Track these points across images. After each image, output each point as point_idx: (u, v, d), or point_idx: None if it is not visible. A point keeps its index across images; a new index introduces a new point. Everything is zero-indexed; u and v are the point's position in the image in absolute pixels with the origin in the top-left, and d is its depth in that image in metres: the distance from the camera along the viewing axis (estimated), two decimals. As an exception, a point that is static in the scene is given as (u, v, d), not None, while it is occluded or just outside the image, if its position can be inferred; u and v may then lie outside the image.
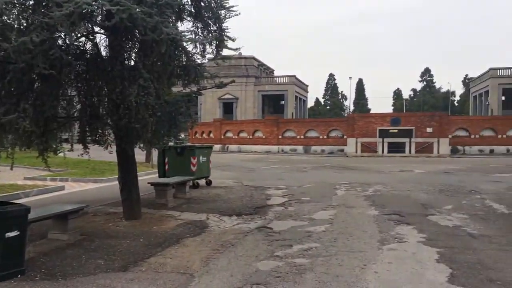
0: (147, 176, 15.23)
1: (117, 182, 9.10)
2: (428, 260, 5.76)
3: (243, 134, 38.66)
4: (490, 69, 57.06)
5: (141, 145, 8.85)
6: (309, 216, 8.89)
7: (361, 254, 6.08)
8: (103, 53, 8.18)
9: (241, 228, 8.00)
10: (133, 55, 8.23)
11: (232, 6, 8.28)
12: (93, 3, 6.09)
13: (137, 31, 7.17)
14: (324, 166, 22.53)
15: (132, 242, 6.76)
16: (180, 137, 9.35)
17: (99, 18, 7.05)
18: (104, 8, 6.17)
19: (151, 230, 7.65)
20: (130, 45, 8.10)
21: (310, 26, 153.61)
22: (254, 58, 61.54)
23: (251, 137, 37.74)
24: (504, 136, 31.99)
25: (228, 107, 62.41)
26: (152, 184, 10.37)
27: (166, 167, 13.38)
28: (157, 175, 14.34)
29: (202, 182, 13.86)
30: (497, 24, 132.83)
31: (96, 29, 7.88)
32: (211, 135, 40.00)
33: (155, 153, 17.50)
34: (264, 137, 36.83)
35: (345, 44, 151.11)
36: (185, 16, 8.80)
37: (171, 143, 10.84)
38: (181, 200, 10.74)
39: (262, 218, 8.81)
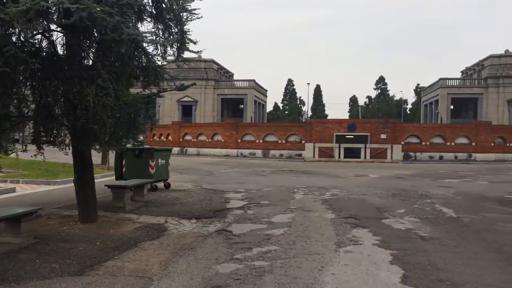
0: (103, 179, 14.85)
1: (71, 185, 8.87)
2: (382, 262, 5.97)
3: (202, 137, 38.45)
4: (440, 79, 59.69)
5: (97, 147, 8.66)
6: (268, 220, 8.98)
7: (318, 256, 6.22)
8: (60, 52, 7.98)
9: (200, 231, 7.98)
10: (91, 54, 8.07)
11: (195, 9, 8.27)
12: (51, 0, 5.92)
13: (96, 30, 7.05)
14: (283, 170, 22.79)
15: (88, 246, 6.60)
16: (139, 139, 9.20)
17: (56, 16, 6.86)
18: (63, 6, 6.01)
19: (108, 233, 7.49)
20: (88, 44, 7.94)
21: (269, 31, 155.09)
22: (214, 62, 61.37)
23: (210, 140, 37.60)
24: (453, 143, 33.49)
25: (187, 110, 61.85)
26: (109, 186, 10.14)
27: (124, 169, 13.13)
28: (113, 177, 14.05)
29: (161, 185, 13.69)
30: (448, 33, 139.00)
31: (53, 26, 7.67)
32: (170, 137, 39.52)
33: (111, 155, 17.16)
34: (223, 140, 36.78)
35: (303, 50, 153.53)
36: (145, 17, 8.72)
37: (129, 145, 10.67)
38: (139, 203, 10.57)
39: (222, 222, 8.82)
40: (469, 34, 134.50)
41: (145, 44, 8.41)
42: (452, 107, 59.18)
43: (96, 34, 7.45)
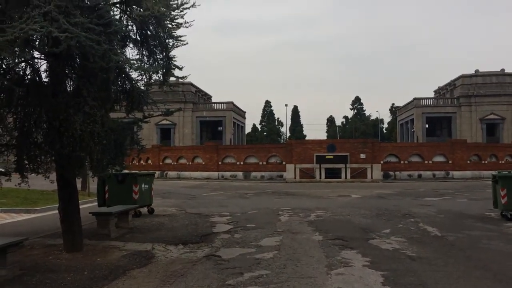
0: (85, 205, 14.56)
1: (52, 212, 8.72)
2: (375, 283, 6.02)
3: (182, 161, 38.22)
4: (414, 98, 61.21)
5: (78, 173, 8.56)
6: (256, 243, 8.96)
7: (311, 279, 6.22)
8: (45, 79, 7.93)
9: (188, 257, 7.90)
10: (77, 81, 8.05)
11: (180, 36, 8.36)
12: (40, 29, 5.92)
13: (84, 58, 7.04)
14: (265, 192, 22.79)
15: (76, 276, 6.46)
16: (125, 165, 9.12)
17: (44, 44, 6.84)
18: (51, 35, 6.00)
19: (95, 262, 7.34)
20: (73, 71, 7.93)
21: (245, 53, 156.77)
22: (191, 84, 61.54)
23: (190, 163, 37.39)
24: (430, 162, 34.15)
25: (165, 133, 61.55)
26: (94, 213, 9.97)
27: (107, 195, 12.94)
28: (95, 203, 13.82)
29: (144, 210, 13.52)
30: (421, 54, 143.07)
31: (38, 54, 7.63)
32: (149, 161, 39.13)
33: (91, 180, 16.87)
34: (203, 163, 36.64)
35: (280, 72, 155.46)
36: (129, 43, 8.77)
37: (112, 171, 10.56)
38: (124, 230, 10.41)
39: (209, 246, 8.76)
40: (441, 54, 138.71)
41: (128, 70, 8.45)
42: (427, 125, 60.64)
43: (79, 61, 7.45)
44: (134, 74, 8.78)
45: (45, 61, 7.79)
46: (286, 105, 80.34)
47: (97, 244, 8.76)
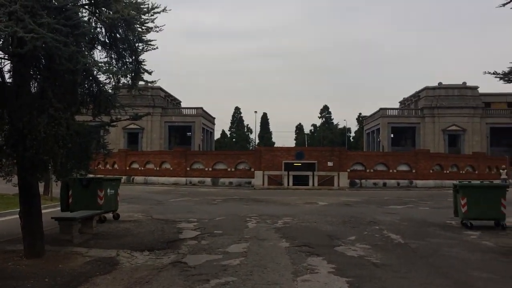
0: (47, 210, 14.09)
1: (12, 217, 8.44)
2: (340, 289, 6.11)
3: (149, 166, 37.70)
4: (381, 109, 62.73)
5: (41, 176, 8.33)
6: (223, 250, 8.93)
7: (277, 286, 6.26)
8: (8, 80, 7.70)
9: (154, 263, 7.80)
10: (41, 83, 7.85)
11: (151, 40, 8.30)
12: (5, 29, 5.75)
13: (50, 60, 6.88)
14: (233, 198, 22.75)
15: (37, 283, 6.26)
16: (90, 170, 8.93)
17: (7, 44, 6.65)
18: (16, 35, 5.84)
19: (56, 268, 7.14)
20: (38, 72, 7.73)
21: (216, 60, 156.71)
22: (161, 89, 60.94)
23: (158, 168, 36.92)
24: (395, 170, 34.97)
25: (133, 138, 60.63)
26: (56, 218, 9.69)
27: (70, 200, 12.61)
28: (58, 208, 13.44)
29: (110, 216, 13.25)
30: (388, 65, 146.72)
31: (1, 54, 7.41)
32: (116, 166, 38.39)
33: (55, 184, 16.38)
34: (171, 168, 36.25)
35: (251, 79, 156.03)
36: (97, 46, 8.64)
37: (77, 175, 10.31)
38: (88, 236, 10.16)
39: (176, 253, 8.67)
40: (407, 66, 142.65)
41: (95, 73, 8.31)
42: (392, 135, 62.18)
43: (45, 62, 7.28)
44: (102, 77, 8.65)
45: (9, 62, 7.57)
46: (255, 112, 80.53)
47: (59, 250, 8.52)
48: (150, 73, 8.62)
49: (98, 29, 8.02)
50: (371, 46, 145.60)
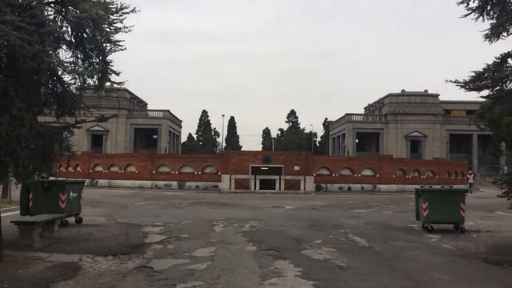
0: (5, 214, 13.52)
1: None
2: (306, 292, 6.17)
3: (114, 168, 36.92)
4: (346, 114, 63.95)
5: (0, 179, 8.06)
6: (189, 254, 8.86)
7: (244, 290, 6.26)
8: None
9: (118, 268, 7.65)
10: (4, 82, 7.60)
11: (119, 41, 8.17)
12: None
13: (10, 57, 6.67)
14: (200, 202, 22.58)
15: (-5, 290, 6.03)
16: (53, 172, 8.68)
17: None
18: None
19: (16, 274, 6.89)
20: (1, 71, 7.48)
21: (183, 63, 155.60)
22: (126, 91, 59.97)
23: (123, 171, 36.21)
24: (360, 175, 35.62)
25: (97, 140, 59.36)
26: (16, 222, 9.36)
27: (30, 203, 12.20)
28: (17, 212, 12.98)
29: (72, 220, 12.89)
30: (353, 71, 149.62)
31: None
32: (78, 168, 37.39)
33: (14, 187, 15.80)
34: (137, 171, 35.64)
35: (218, 83, 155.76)
36: (62, 45, 8.45)
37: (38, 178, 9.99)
38: (49, 240, 9.85)
39: (141, 257, 8.53)
40: (372, 72, 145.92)
41: (60, 73, 8.13)
42: (357, 140, 63.49)
43: (8, 61, 7.05)
44: (67, 77, 8.47)
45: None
46: (223, 115, 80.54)
47: (19, 255, 8.24)
48: (117, 74, 8.51)
49: (64, 28, 7.85)
50: (338, 53, 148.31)
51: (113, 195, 26.75)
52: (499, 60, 9.86)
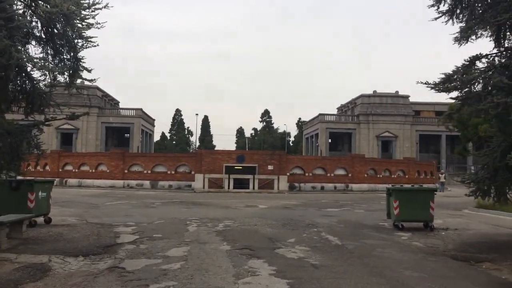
0: (-30, 214, 13.18)
1: None
2: (280, 291, 6.20)
3: (84, 168, 36.22)
4: (319, 114, 64.65)
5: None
6: (163, 254, 8.77)
7: (219, 289, 6.24)
8: None
9: (89, 269, 7.50)
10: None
11: (91, 37, 8.01)
12: None
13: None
14: (173, 201, 22.39)
15: (-41, 293, 5.81)
16: (21, 171, 8.44)
17: None
18: None
19: (-18, 277, 6.67)
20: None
21: (157, 61, 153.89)
22: (98, 88, 58.86)
23: (94, 171, 35.55)
24: (332, 174, 36.06)
25: (67, 138, 58.10)
26: (-19, 223, 9.05)
27: (-3, 203, 11.80)
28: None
29: (41, 220, 12.56)
30: (326, 71, 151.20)
31: None
32: (47, 167, 36.50)
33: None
34: (108, 171, 35.06)
35: (192, 81, 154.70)
36: (32, 41, 8.24)
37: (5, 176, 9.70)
38: (16, 241, 9.57)
39: (113, 258, 8.39)
40: (345, 73, 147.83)
41: (29, 69, 7.92)
42: (330, 140, 64.25)
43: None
44: (37, 74, 8.25)
45: None
46: (196, 114, 79.91)
47: (-15, 256, 7.98)
48: (89, 71, 8.33)
49: (34, 23, 7.65)
50: (312, 53, 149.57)
51: (84, 194, 26.24)
52: (467, 63, 10.13)
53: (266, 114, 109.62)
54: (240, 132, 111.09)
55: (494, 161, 10.23)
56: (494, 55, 10.21)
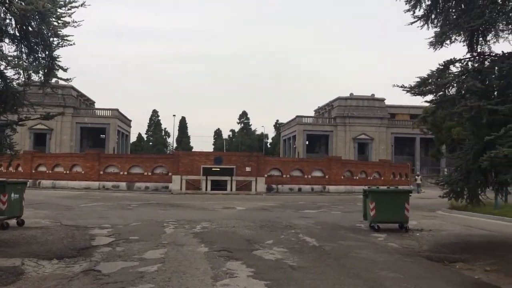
0: None
1: None
2: (258, 292, 6.20)
3: (59, 169, 35.48)
4: (297, 116, 65.07)
5: None
6: (139, 256, 8.66)
7: (196, 291, 6.19)
8: None
9: (64, 272, 7.34)
10: None
11: (67, 35, 7.86)
12: None
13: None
14: (150, 203, 22.15)
15: None
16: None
17: None
18: None
19: (-50, 281, 6.46)
20: None
21: (136, 61, 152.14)
22: (73, 88, 57.73)
23: (68, 172, 34.86)
24: (310, 176, 36.28)
25: (40, 139, 56.85)
26: (-50, 226, 8.77)
27: (-33, 205, 11.47)
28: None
29: (13, 222, 12.24)
30: (304, 74, 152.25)
31: None
32: (20, 168, 35.63)
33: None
34: (83, 172, 34.43)
35: (169, 83, 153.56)
36: (5, 38, 8.04)
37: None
38: (-13, 244, 9.32)
39: (88, 261, 8.24)
40: (323, 76, 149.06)
41: (3, 67, 7.74)
42: (307, 142, 64.71)
43: None
44: (10, 72, 8.06)
45: None
46: (174, 115, 79.76)
47: (-46, 260, 7.72)
48: (65, 70, 8.18)
49: (8, 21, 7.45)
50: (290, 56, 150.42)
51: (58, 196, 25.72)
52: (442, 67, 10.36)
53: (244, 116, 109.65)
54: (217, 133, 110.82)
55: (467, 163, 10.46)
56: (468, 59, 10.46)
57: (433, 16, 10.80)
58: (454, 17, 10.37)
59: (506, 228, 14.53)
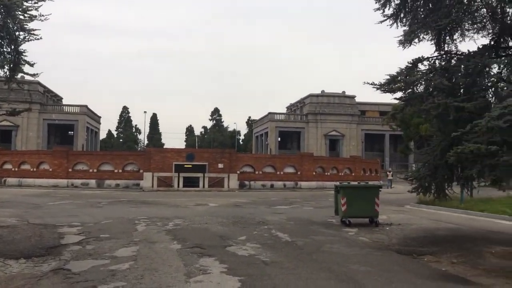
0: None
1: None
2: (232, 288, 6.21)
3: (25, 166, 34.47)
4: (269, 113, 65.28)
5: None
6: (110, 254, 8.54)
7: (170, 289, 6.16)
8: None
9: (32, 272, 7.18)
10: None
11: (34, 29, 7.64)
12: None
13: None
14: (121, 201, 21.81)
15: None
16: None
17: None
18: None
19: None
20: None
21: (105, 57, 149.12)
22: (39, 83, 56.11)
23: (35, 169, 33.90)
24: (282, 172, 36.48)
25: (5, 136, 55.02)
26: None
27: None
28: None
29: (-23, 222, 11.87)
30: (276, 70, 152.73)
31: None
32: (-17, 166, 34.50)
33: None
34: (51, 170, 33.55)
35: (140, 79, 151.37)
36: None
37: None
38: (-50, 245, 8.98)
39: (57, 259, 8.08)
40: (294, 73, 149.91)
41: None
42: (279, 139, 65.03)
43: None
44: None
45: None
46: (145, 112, 78.10)
47: None
48: (32, 65, 7.95)
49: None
50: (262, 52, 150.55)
51: (24, 194, 25.03)
52: (411, 65, 10.59)
53: (216, 113, 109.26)
54: (190, 130, 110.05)
55: (434, 159, 10.74)
56: (435, 58, 10.73)
57: (402, 15, 11.02)
58: (422, 16, 10.61)
59: (472, 221, 15.01)
